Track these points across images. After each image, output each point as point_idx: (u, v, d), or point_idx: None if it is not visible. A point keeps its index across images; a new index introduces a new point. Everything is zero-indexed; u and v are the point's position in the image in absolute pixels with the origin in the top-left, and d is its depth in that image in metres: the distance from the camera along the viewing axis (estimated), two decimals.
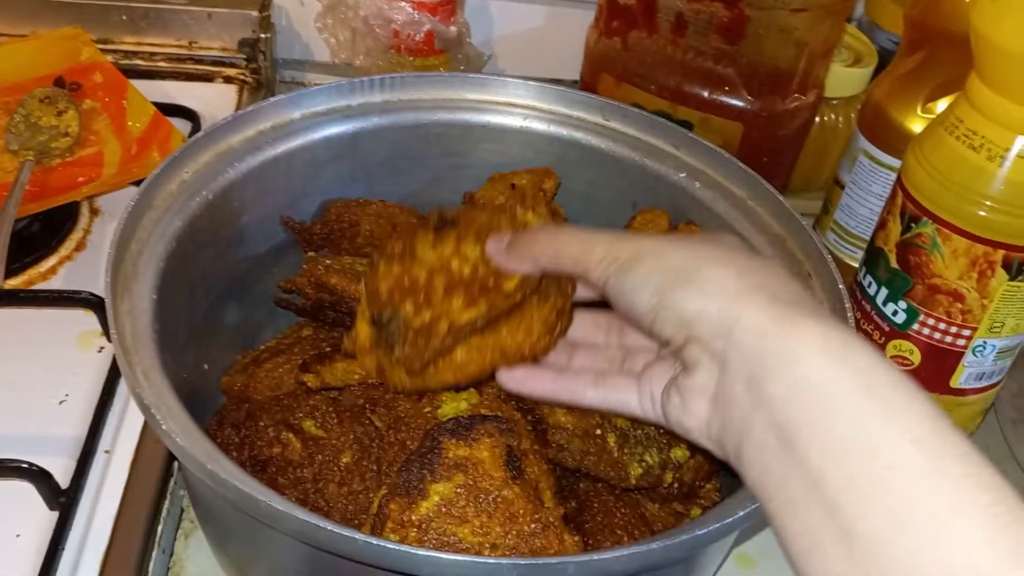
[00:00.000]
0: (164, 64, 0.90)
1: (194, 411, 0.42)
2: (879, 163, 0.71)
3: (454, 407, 0.48)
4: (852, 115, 0.83)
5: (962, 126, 0.54)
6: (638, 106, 0.64)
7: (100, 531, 0.52)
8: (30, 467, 0.52)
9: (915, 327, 0.60)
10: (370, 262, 0.46)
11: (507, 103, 0.63)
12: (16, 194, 0.67)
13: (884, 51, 0.85)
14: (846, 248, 0.77)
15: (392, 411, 0.49)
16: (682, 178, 0.60)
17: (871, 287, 0.62)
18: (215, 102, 0.85)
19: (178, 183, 0.53)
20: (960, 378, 0.61)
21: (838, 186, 0.77)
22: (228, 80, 0.90)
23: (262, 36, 0.91)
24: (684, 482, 0.50)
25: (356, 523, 0.47)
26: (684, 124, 0.72)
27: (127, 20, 0.91)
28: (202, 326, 0.55)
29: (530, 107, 0.64)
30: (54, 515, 0.52)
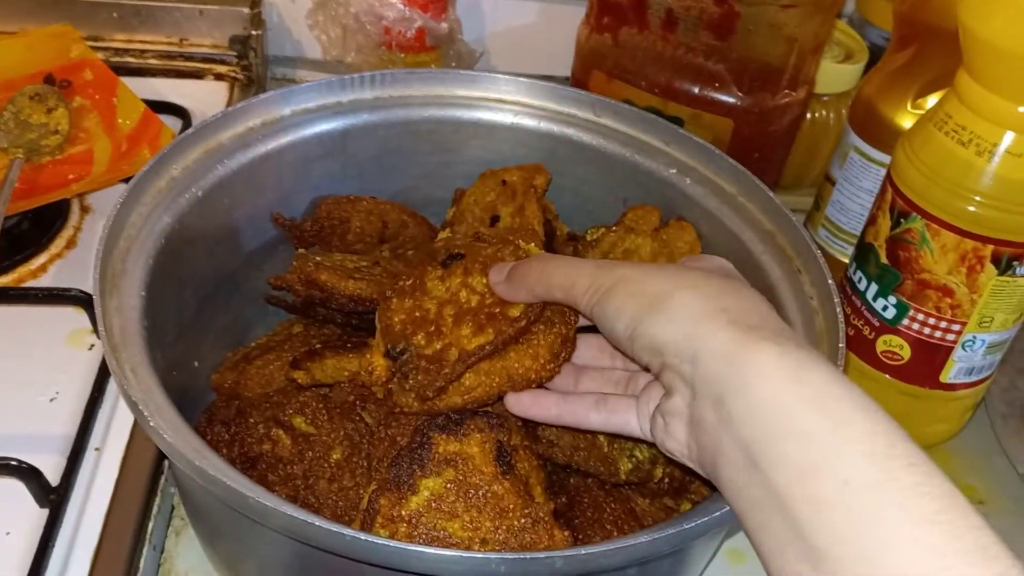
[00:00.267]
0: (155, 61, 0.90)
1: (184, 408, 0.42)
2: (870, 159, 0.71)
3: None
4: (843, 111, 0.83)
5: (951, 122, 0.54)
6: (629, 102, 0.64)
7: (90, 529, 0.52)
8: (20, 465, 0.51)
9: (905, 322, 0.60)
10: (383, 296, 0.48)
11: (498, 99, 0.63)
12: (5, 192, 0.67)
13: (875, 47, 0.85)
14: (837, 244, 0.77)
15: (382, 407, 0.49)
16: (673, 174, 0.60)
17: (861, 283, 0.62)
18: (206, 99, 0.85)
19: (167, 180, 0.53)
20: (950, 373, 0.61)
21: (829, 182, 0.77)
22: (219, 77, 0.89)
23: (253, 33, 0.91)
24: (674, 477, 0.51)
25: (346, 519, 0.47)
26: (675, 120, 0.72)
27: (117, 17, 0.90)
28: (192, 323, 0.54)
29: (521, 103, 0.63)
30: (44, 513, 0.52)
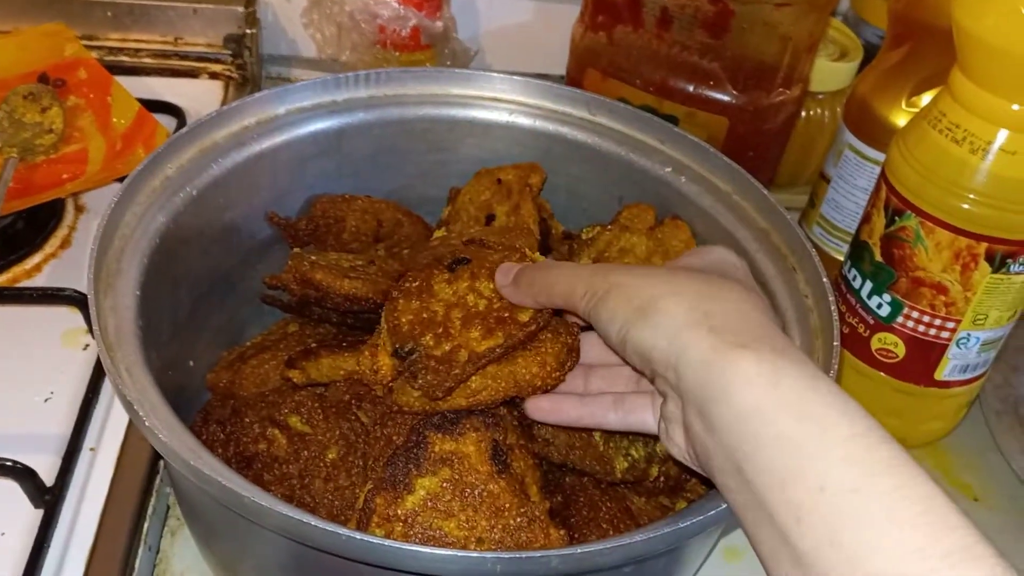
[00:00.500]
0: (149, 60, 0.90)
1: (179, 408, 0.42)
2: (864, 157, 0.71)
3: None
4: (838, 109, 0.83)
5: (945, 119, 0.54)
6: (624, 101, 0.65)
7: (85, 529, 0.52)
8: (15, 465, 0.51)
9: (899, 320, 0.60)
10: (389, 297, 0.48)
11: (493, 98, 0.63)
12: (0, 191, 0.67)
13: (870, 45, 0.85)
14: (832, 242, 0.77)
15: (378, 407, 0.49)
16: (668, 173, 0.60)
17: (856, 280, 0.62)
18: (201, 98, 0.85)
19: (162, 179, 0.53)
20: (945, 370, 0.61)
21: (824, 180, 0.77)
22: (214, 76, 0.89)
23: (248, 32, 0.91)
24: (670, 476, 0.51)
25: (342, 519, 0.47)
26: (670, 119, 0.72)
27: (112, 16, 0.90)
28: (187, 323, 0.54)
29: (516, 102, 0.63)
30: (39, 513, 0.52)
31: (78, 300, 0.62)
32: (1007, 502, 0.66)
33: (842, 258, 0.67)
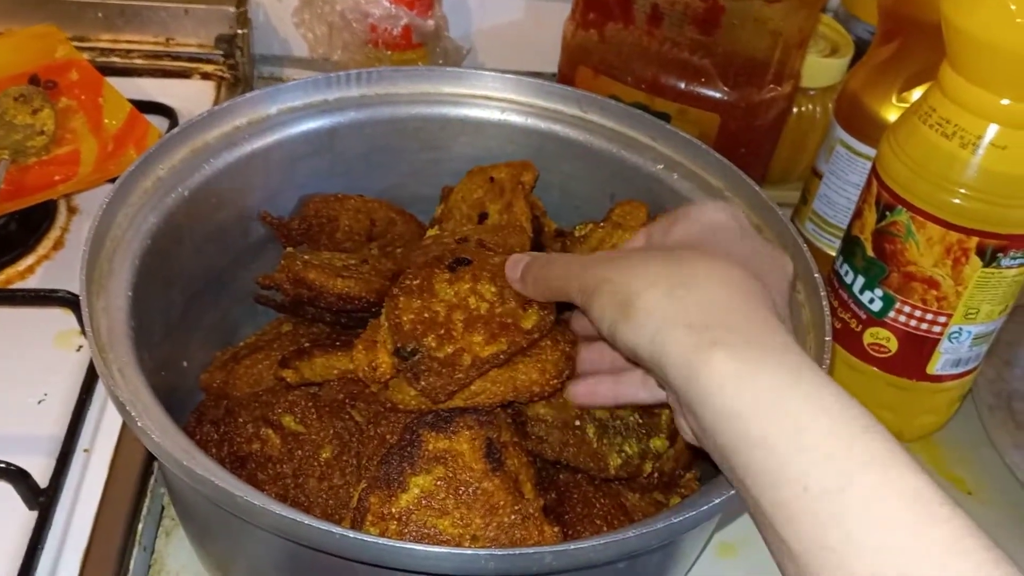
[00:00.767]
0: (141, 61, 0.89)
1: (173, 409, 0.42)
2: (856, 152, 0.72)
3: None
4: (829, 105, 0.83)
5: (935, 114, 0.54)
6: (616, 98, 0.65)
7: (80, 530, 0.52)
8: (8, 467, 0.51)
9: (891, 315, 0.60)
10: (390, 294, 0.48)
11: (485, 96, 0.63)
12: None
13: (861, 41, 0.85)
14: (825, 238, 0.77)
15: (372, 406, 0.49)
16: (660, 170, 0.61)
17: (848, 275, 0.62)
18: (193, 99, 0.85)
19: (153, 180, 0.53)
20: (937, 365, 0.62)
21: (816, 176, 0.77)
22: (206, 77, 0.89)
23: (239, 32, 0.90)
24: (664, 472, 0.51)
25: (337, 518, 0.47)
26: (661, 116, 0.72)
27: (103, 17, 0.90)
28: (180, 323, 0.54)
29: (508, 100, 0.64)
30: (33, 515, 0.52)
31: (71, 301, 0.62)
32: (999, 496, 0.66)
33: (834, 253, 0.67)
